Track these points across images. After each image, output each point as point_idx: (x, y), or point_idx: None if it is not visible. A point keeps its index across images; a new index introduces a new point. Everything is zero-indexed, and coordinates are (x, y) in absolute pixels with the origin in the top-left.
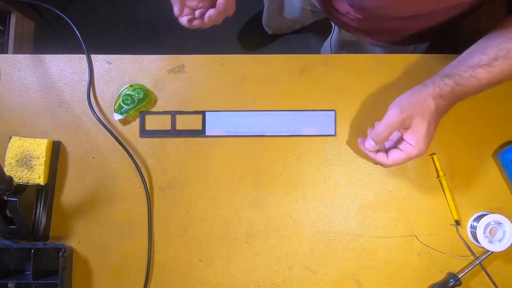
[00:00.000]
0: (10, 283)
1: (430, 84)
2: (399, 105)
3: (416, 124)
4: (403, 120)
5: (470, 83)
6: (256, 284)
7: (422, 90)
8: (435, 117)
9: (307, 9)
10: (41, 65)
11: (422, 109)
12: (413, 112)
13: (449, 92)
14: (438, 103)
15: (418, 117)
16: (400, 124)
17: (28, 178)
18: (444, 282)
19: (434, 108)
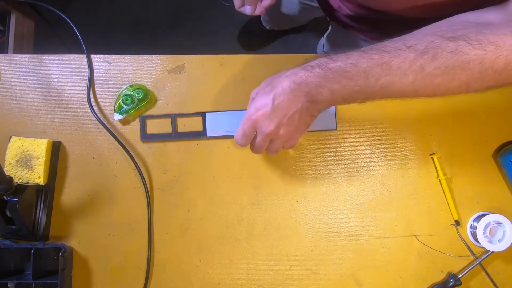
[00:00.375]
0: (10, 283)
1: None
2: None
3: (261, 84)
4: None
5: (339, 58)
6: (256, 284)
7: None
8: (283, 89)
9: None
10: (41, 65)
11: (272, 81)
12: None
13: (316, 63)
14: (296, 72)
15: (262, 89)
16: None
17: (28, 178)
18: (444, 282)
19: (284, 77)
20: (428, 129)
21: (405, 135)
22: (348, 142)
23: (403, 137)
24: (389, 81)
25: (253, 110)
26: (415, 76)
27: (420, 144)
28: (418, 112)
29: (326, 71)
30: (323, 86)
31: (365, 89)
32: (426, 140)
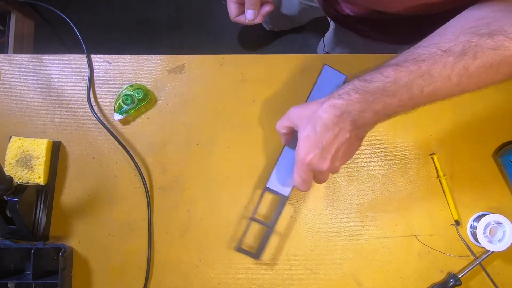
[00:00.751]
0: (10, 283)
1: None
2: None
3: (300, 128)
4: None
5: (375, 78)
6: (256, 284)
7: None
8: (326, 123)
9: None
10: (41, 65)
11: (312, 115)
12: (298, 115)
13: (352, 88)
14: (334, 104)
15: (302, 121)
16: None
17: (28, 178)
18: (444, 282)
19: (323, 112)
20: (428, 129)
21: (405, 135)
22: None
23: (403, 137)
24: (434, 89)
25: (303, 155)
26: (460, 78)
27: (420, 144)
28: (418, 112)
29: (365, 95)
30: (366, 110)
31: (409, 102)
32: (426, 140)
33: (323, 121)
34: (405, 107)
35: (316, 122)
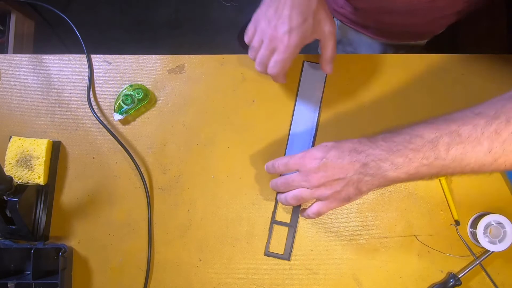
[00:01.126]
0: (10, 283)
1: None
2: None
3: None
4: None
5: (403, 131)
6: (256, 284)
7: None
8: (342, 148)
9: None
10: (41, 65)
11: (335, 143)
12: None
13: (380, 136)
14: (360, 141)
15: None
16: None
17: (28, 178)
18: (444, 282)
19: (347, 142)
20: None
21: None
22: None
23: None
24: (462, 151)
25: (309, 155)
26: (491, 143)
27: None
28: (418, 112)
29: (389, 144)
30: (385, 159)
31: (434, 162)
32: None
33: (343, 146)
34: (430, 168)
35: (338, 145)
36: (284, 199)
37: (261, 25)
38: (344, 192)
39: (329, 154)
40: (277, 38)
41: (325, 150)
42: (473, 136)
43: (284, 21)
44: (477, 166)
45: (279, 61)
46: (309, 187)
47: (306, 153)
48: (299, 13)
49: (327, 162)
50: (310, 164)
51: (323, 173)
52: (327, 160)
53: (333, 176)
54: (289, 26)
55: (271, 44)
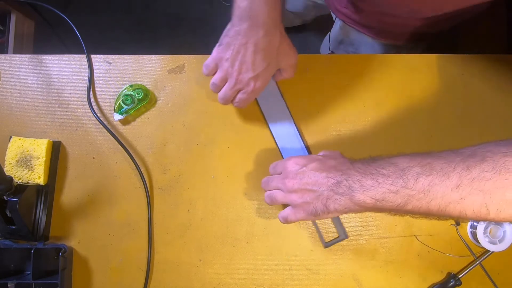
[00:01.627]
0: (10, 283)
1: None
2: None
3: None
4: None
5: (380, 158)
6: (256, 284)
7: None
8: (323, 164)
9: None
10: (41, 65)
11: (323, 158)
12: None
13: (362, 160)
14: (345, 162)
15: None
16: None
17: (28, 178)
18: (444, 282)
19: (333, 160)
20: (428, 129)
21: (405, 135)
22: (348, 142)
23: (403, 137)
24: (429, 182)
25: (293, 160)
26: (459, 178)
27: (420, 144)
28: (418, 112)
29: (365, 167)
30: (357, 180)
31: (401, 190)
32: (426, 140)
33: (325, 162)
34: (395, 196)
35: (321, 160)
36: (265, 198)
37: (224, 66)
38: (313, 205)
39: (311, 165)
40: (243, 83)
41: (309, 160)
42: (444, 169)
43: (248, 67)
44: (444, 204)
45: (244, 100)
46: (283, 190)
47: (293, 158)
48: (263, 59)
49: (305, 171)
50: (291, 168)
51: (299, 180)
52: (306, 169)
53: (307, 185)
54: (255, 73)
55: (236, 87)
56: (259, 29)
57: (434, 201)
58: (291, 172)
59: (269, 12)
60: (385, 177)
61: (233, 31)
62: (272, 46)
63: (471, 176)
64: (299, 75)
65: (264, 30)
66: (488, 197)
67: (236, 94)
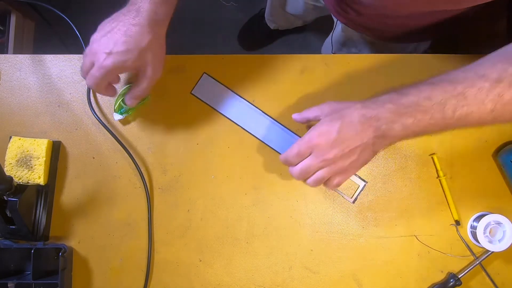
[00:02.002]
0: (10, 283)
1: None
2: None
3: (323, 118)
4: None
5: (410, 92)
6: (256, 284)
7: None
8: (351, 120)
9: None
10: (41, 65)
11: (341, 110)
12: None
13: (386, 98)
14: (367, 106)
15: (329, 115)
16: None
17: (28, 178)
18: (444, 282)
19: (355, 110)
20: None
21: None
22: None
23: None
24: (467, 112)
25: (316, 133)
26: (494, 104)
27: (420, 144)
28: None
29: (398, 106)
30: (396, 121)
31: (440, 121)
32: (426, 140)
33: (351, 115)
34: (435, 126)
35: (345, 114)
36: (310, 184)
37: (91, 40)
38: (361, 158)
39: (340, 127)
40: (97, 54)
41: (333, 124)
42: (478, 98)
43: (109, 42)
44: (478, 123)
45: (91, 76)
46: (327, 165)
47: (314, 133)
48: (125, 42)
49: (339, 136)
50: (323, 143)
51: (339, 147)
52: (339, 134)
53: (349, 146)
54: (110, 49)
55: (91, 58)
56: (133, 18)
57: (469, 123)
58: (325, 145)
59: (150, 12)
60: (423, 113)
61: (113, 16)
62: (139, 43)
63: (504, 101)
64: (299, 75)
65: (136, 21)
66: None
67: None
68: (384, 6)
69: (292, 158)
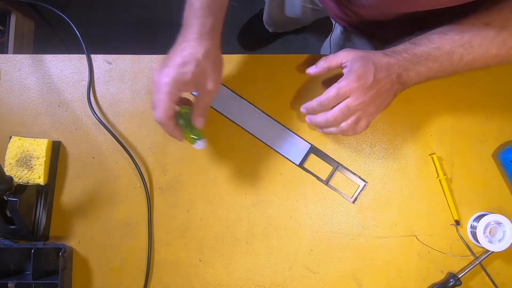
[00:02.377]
0: (10, 283)
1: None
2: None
3: (353, 63)
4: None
5: (421, 42)
6: (256, 284)
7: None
8: (381, 64)
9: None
10: (41, 65)
11: (368, 55)
12: (358, 56)
13: (402, 48)
14: (388, 54)
15: (359, 60)
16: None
17: (28, 178)
18: (444, 282)
19: (380, 56)
20: (428, 129)
21: (405, 135)
22: (348, 142)
23: (403, 137)
24: (473, 58)
25: (355, 77)
26: (498, 50)
27: (420, 144)
28: (418, 112)
29: (412, 56)
30: (411, 69)
31: (449, 68)
32: (426, 140)
33: (380, 61)
34: (445, 72)
35: (375, 61)
36: (340, 130)
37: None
38: (386, 101)
39: (375, 71)
40: (156, 79)
41: (369, 67)
42: (483, 45)
43: (164, 63)
44: (484, 66)
45: (155, 103)
46: (363, 108)
47: (353, 77)
48: (181, 55)
49: (375, 79)
50: (361, 86)
51: (374, 89)
52: (375, 77)
53: (382, 88)
54: (166, 66)
55: (153, 86)
56: (183, 36)
57: (475, 67)
58: (363, 87)
59: (199, 26)
60: (433, 62)
61: (177, 42)
62: (194, 54)
63: (507, 46)
64: (299, 75)
65: (187, 37)
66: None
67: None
68: (389, 5)
69: (330, 100)
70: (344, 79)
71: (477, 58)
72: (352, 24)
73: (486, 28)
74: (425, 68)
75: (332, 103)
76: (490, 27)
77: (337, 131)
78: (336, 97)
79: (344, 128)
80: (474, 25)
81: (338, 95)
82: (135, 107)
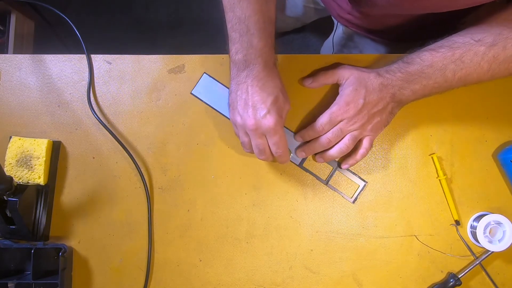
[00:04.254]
0: (10, 283)
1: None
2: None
3: (346, 86)
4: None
5: (414, 61)
6: (256, 284)
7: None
8: (373, 86)
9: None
10: (41, 65)
11: (362, 78)
12: (350, 77)
13: (396, 67)
14: (382, 75)
15: (352, 84)
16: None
17: (28, 178)
18: (444, 282)
19: (373, 78)
20: (428, 129)
21: (405, 135)
22: None
23: (403, 137)
24: (466, 74)
25: (345, 103)
26: (489, 65)
27: (420, 144)
28: (418, 112)
29: (406, 75)
30: (406, 87)
31: (443, 84)
32: (426, 140)
33: (372, 85)
34: (440, 88)
35: (367, 84)
36: (339, 150)
37: (238, 122)
38: (384, 120)
39: (365, 95)
40: (260, 125)
41: (359, 92)
42: (474, 61)
43: (258, 106)
44: (478, 81)
45: (276, 142)
46: (358, 128)
47: (343, 103)
48: (269, 94)
49: (365, 102)
50: (352, 110)
51: (365, 111)
52: (365, 100)
53: (373, 109)
54: (266, 109)
55: (258, 132)
56: (254, 74)
57: (469, 82)
58: (354, 112)
59: (265, 62)
60: (427, 79)
61: (233, 83)
62: (276, 86)
63: (499, 61)
64: (299, 75)
65: (255, 71)
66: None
67: (265, 140)
68: (400, 5)
69: (324, 126)
70: (336, 105)
71: (470, 73)
72: (354, 23)
73: (477, 44)
74: (419, 86)
75: (326, 129)
76: (480, 43)
77: (336, 152)
78: (329, 123)
79: (343, 148)
80: (465, 42)
81: (331, 121)
82: (135, 107)
